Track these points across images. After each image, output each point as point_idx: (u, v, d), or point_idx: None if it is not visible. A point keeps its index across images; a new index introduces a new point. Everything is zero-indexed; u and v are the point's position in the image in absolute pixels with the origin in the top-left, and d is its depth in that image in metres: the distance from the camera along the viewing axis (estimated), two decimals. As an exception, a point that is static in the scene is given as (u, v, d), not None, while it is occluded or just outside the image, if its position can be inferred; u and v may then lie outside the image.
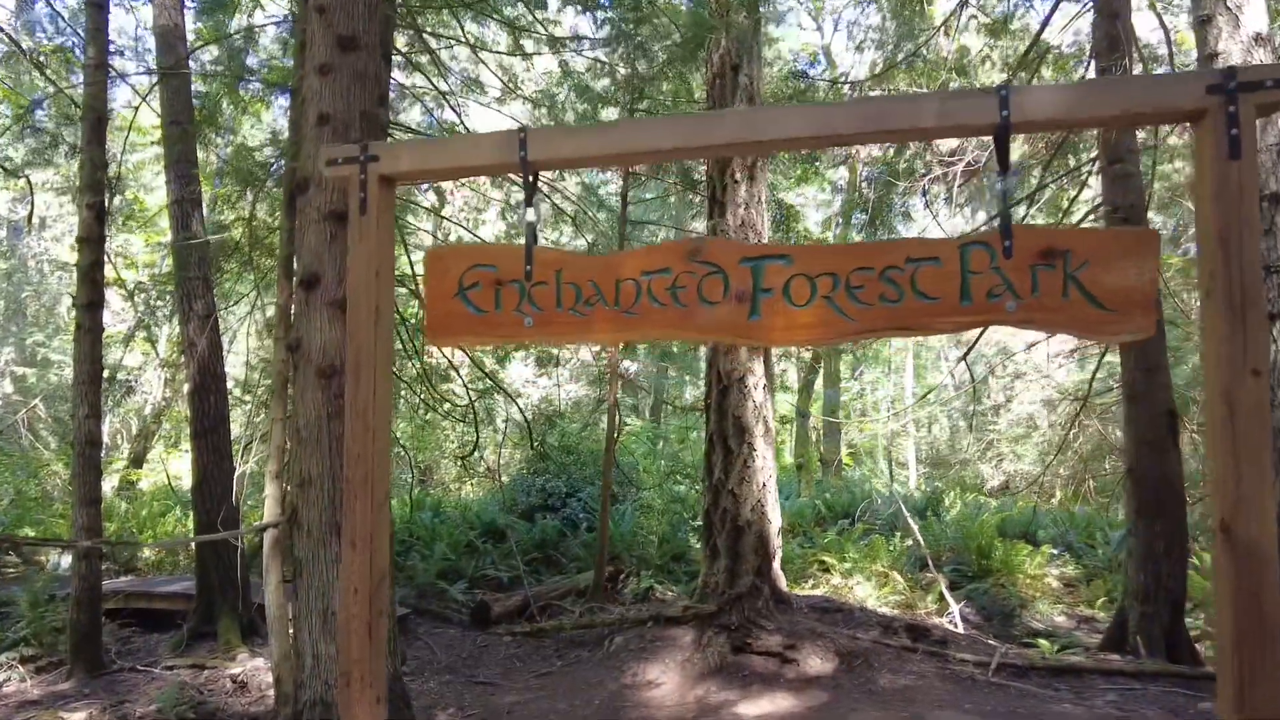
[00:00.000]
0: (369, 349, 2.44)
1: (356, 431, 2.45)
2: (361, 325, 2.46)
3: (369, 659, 2.40)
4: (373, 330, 2.45)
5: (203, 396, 6.79)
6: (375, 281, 2.45)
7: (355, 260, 2.47)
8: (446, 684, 5.79)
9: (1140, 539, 5.71)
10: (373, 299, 2.45)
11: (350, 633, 2.41)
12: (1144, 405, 5.76)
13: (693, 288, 2.24)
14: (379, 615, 2.44)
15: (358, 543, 2.43)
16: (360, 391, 2.45)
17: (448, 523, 10.71)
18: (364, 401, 2.44)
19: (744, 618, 5.54)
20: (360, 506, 2.44)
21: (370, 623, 2.41)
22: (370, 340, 2.45)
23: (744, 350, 5.93)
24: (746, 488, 5.83)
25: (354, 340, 2.47)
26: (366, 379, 2.44)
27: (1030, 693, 4.75)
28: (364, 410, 2.44)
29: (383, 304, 2.48)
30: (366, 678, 2.39)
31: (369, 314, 2.45)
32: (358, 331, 2.46)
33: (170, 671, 5.42)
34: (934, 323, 2.14)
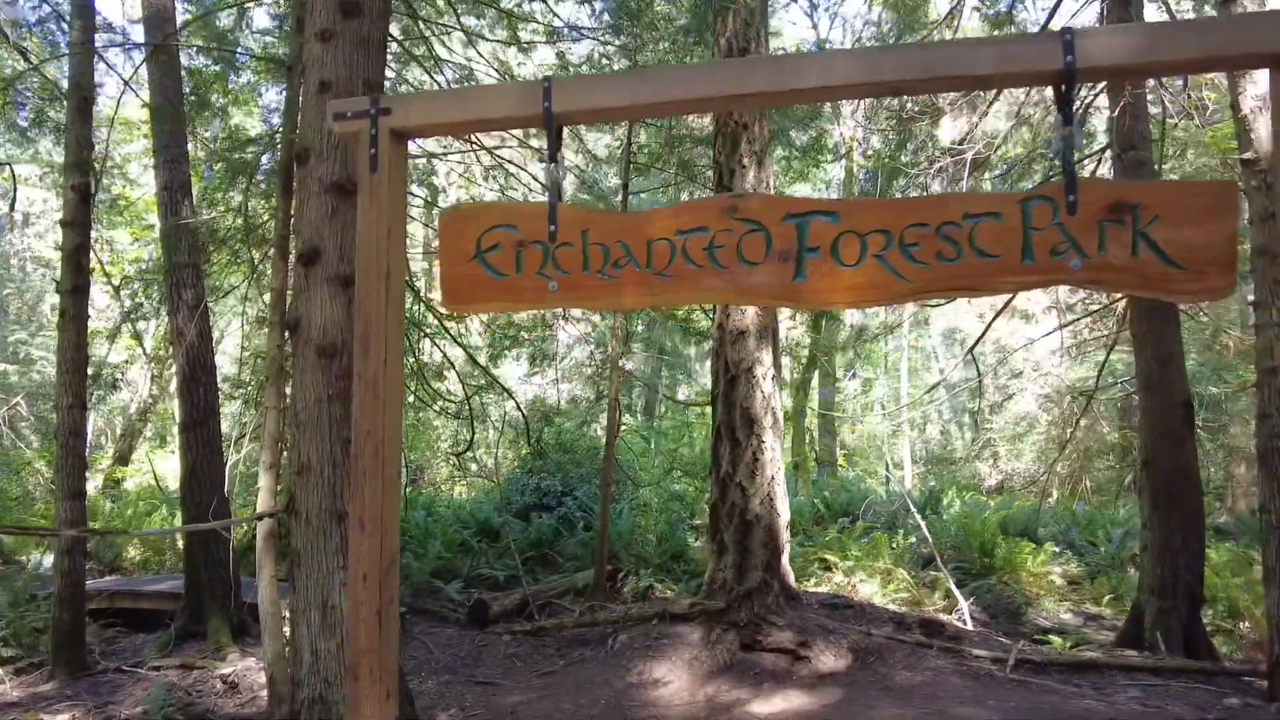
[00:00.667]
0: (379, 315, 2.27)
1: (366, 403, 2.27)
2: (371, 291, 2.28)
3: (379, 650, 2.23)
4: (383, 296, 2.28)
5: (192, 388, 6.57)
6: (386, 243, 2.28)
7: (365, 221, 2.30)
8: (446, 684, 5.60)
9: (1156, 532, 5.59)
10: (383, 262, 2.28)
11: (359, 621, 2.24)
12: (1159, 396, 5.64)
13: (731, 247, 2.08)
14: (389, 602, 2.27)
15: (367, 524, 2.25)
16: (370, 361, 2.28)
17: (441, 522, 10.51)
18: (374, 371, 2.27)
19: (753, 614, 5.38)
20: (370, 485, 2.26)
21: (380, 610, 2.24)
22: (380, 306, 2.28)
23: (752, 340, 5.78)
24: (755, 480, 5.67)
25: (363, 307, 2.30)
26: (376, 348, 2.27)
27: (1051, 689, 4.61)
28: (374, 380, 2.27)
29: (394, 267, 2.30)
30: (376, 670, 2.22)
31: (379, 278, 2.28)
32: (367, 297, 2.29)
33: (157, 672, 5.20)
34: (994, 282, 2.00)
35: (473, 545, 9.81)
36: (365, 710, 2.21)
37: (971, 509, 11.21)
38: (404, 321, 2.35)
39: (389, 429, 2.28)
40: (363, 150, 2.31)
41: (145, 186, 13.94)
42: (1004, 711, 4.17)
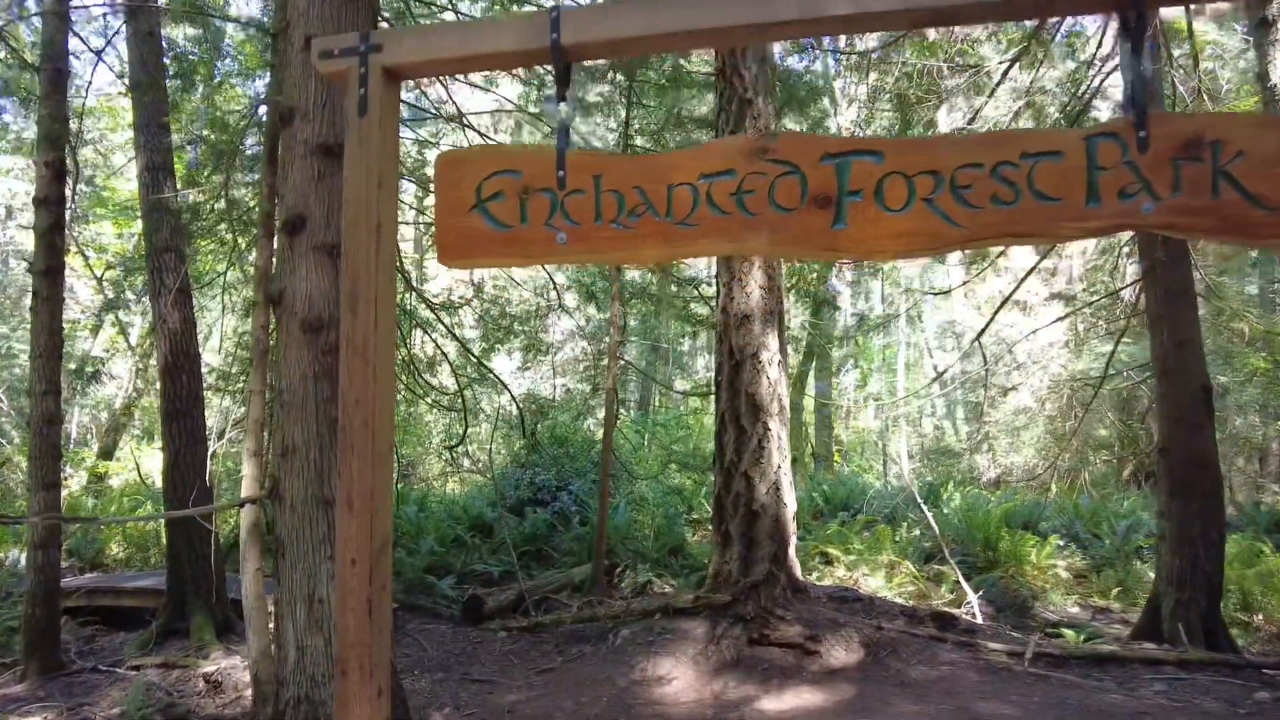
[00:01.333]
0: (368, 273, 2.05)
1: (354, 370, 2.05)
2: (360, 246, 2.06)
3: (370, 643, 2.01)
4: (373, 251, 2.06)
5: (175, 376, 6.32)
6: (377, 194, 2.06)
7: (353, 169, 2.08)
8: (440, 682, 5.38)
9: (1174, 521, 5.41)
10: (373, 215, 2.06)
11: (348, 611, 2.02)
12: (1176, 381, 5.47)
13: (763, 192, 1.87)
14: (380, 590, 2.05)
15: (355, 503, 2.04)
16: (358, 323, 2.06)
17: (434, 517, 10.28)
18: (363, 335, 2.05)
19: (760, 607, 5.17)
20: (358, 460, 2.04)
21: (371, 599, 2.02)
22: (370, 263, 2.06)
23: (757, 324, 5.58)
24: (761, 470, 5.47)
25: (351, 263, 2.07)
26: (365, 308, 2.05)
27: (1073, 683, 4.43)
28: (363, 345, 2.05)
29: (385, 221, 2.08)
30: (367, 666, 2.00)
31: (369, 232, 2.06)
32: (355, 253, 2.07)
33: (136, 671, 4.95)
34: (1056, 228, 1.79)
35: (466, 541, 9.59)
36: (355, 709, 1.99)
37: (973, 502, 11.06)
38: (395, 281, 2.13)
39: (380, 398, 2.07)
40: (351, 92, 2.08)
41: (130, 181, 13.64)
42: (1027, 707, 3.98)
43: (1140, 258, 5.86)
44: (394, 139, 2.13)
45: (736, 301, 5.63)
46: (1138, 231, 1.83)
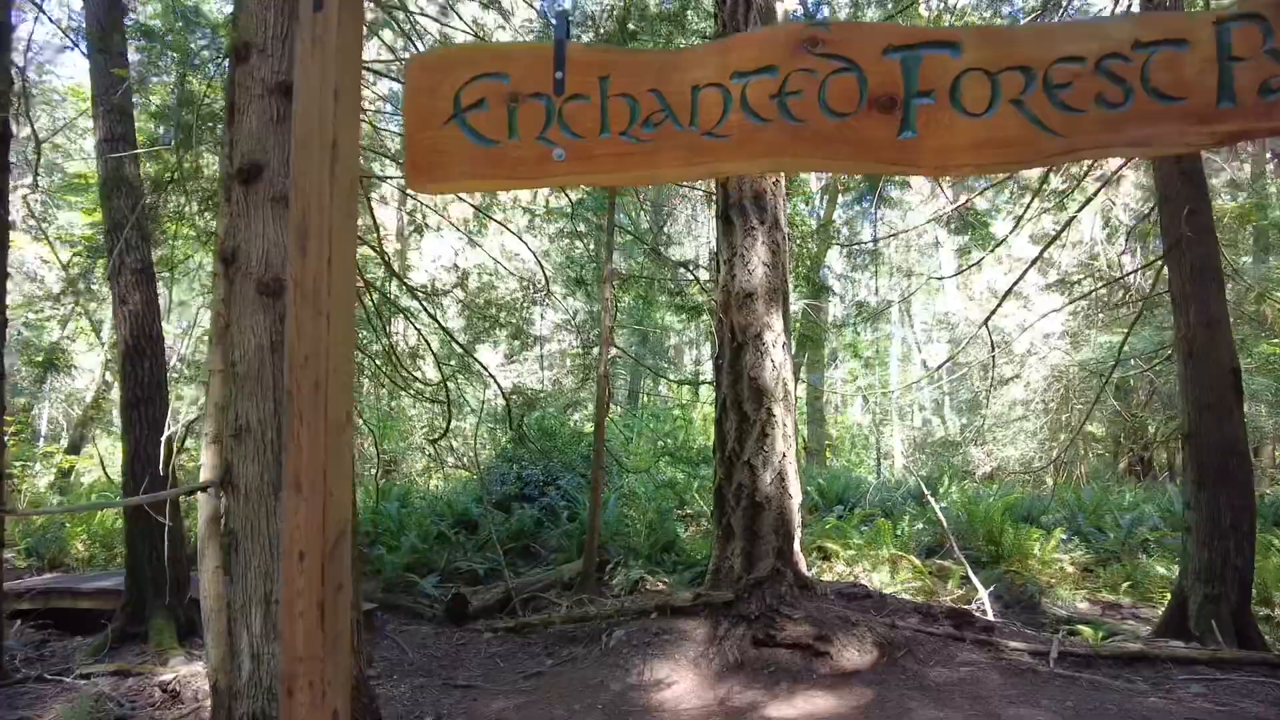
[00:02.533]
0: (322, 200, 1.67)
1: (303, 321, 1.67)
2: (312, 169, 1.68)
3: (323, 655, 1.63)
4: (327, 174, 1.68)
5: (136, 361, 5.89)
6: (333, 106, 1.68)
7: (306, 76, 1.70)
8: (420, 688, 4.99)
9: (1202, 512, 5.11)
10: (328, 130, 1.68)
11: (295, 616, 1.64)
12: (1204, 363, 5.16)
13: (811, 93, 1.51)
14: (337, 591, 1.68)
15: (305, 484, 1.66)
16: (309, 264, 1.68)
17: (416, 513, 9.89)
18: (314, 276, 1.67)
19: (765, 605, 4.82)
20: (308, 431, 1.67)
21: (324, 602, 1.64)
22: (324, 188, 1.68)
23: (760, 303, 5.22)
24: (764, 458, 5.12)
25: (300, 191, 1.69)
26: (318, 244, 1.67)
27: (1104, 685, 4.11)
28: (314, 289, 1.67)
29: (343, 140, 1.70)
30: (319, 683, 1.62)
31: (323, 150, 1.68)
32: (307, 176, 1.69)
33: (86, 681, 4.53)
34: (1176, 135, 1.43)
35: (450, 538, 9.20)
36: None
37: (972, 496, 10.79)
38: (355, 215, 1.76)
39: (335, 357, 1.69)
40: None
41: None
42: (1061, 713, 3.65)
43: (1162, 235, 5.56)
44: (356, 40, 1.75)
45: (738, 279, 5.28)
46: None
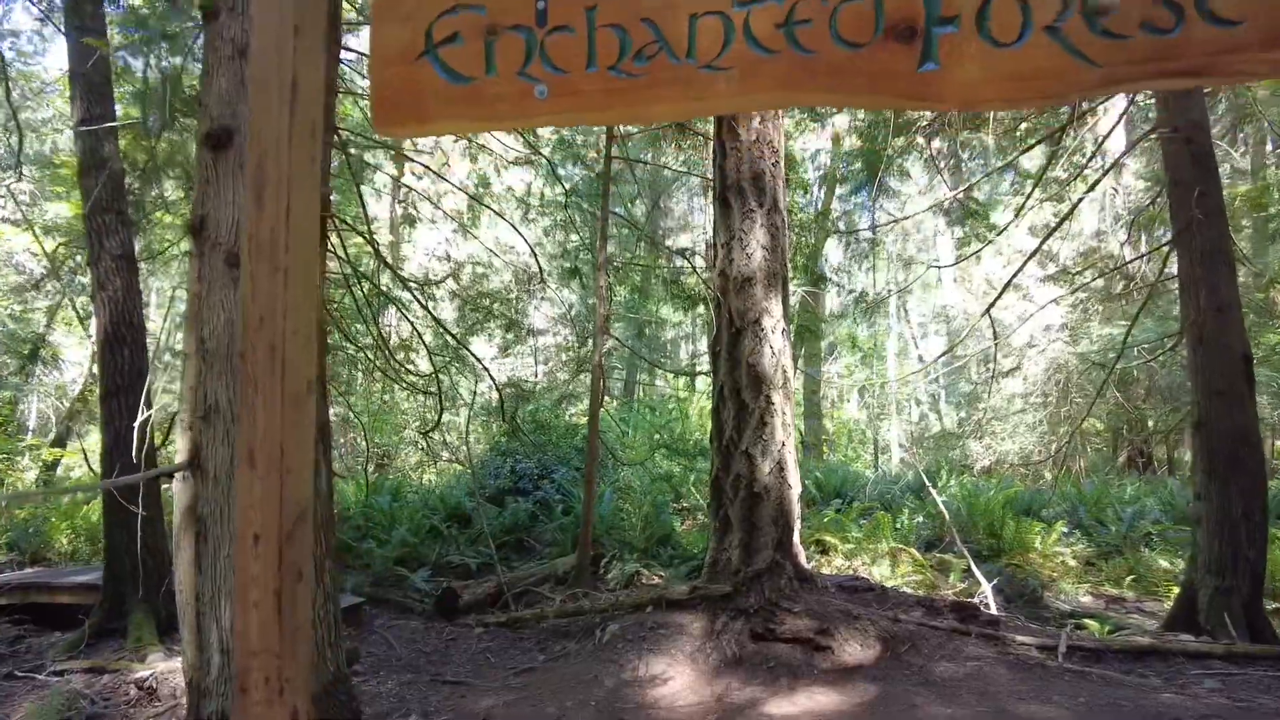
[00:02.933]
0: (279, 145, 1.51)
1: (259, 278, 1.51)
2: (269, 112, 1.52)
3: (280, 649, 1.48)
4: (286, 116, 1.51)
5: (115, 349, 5.72)
6: (293, 42, 1.52)
7: (262, 8, 1.53)
8: (408, 684, 4.84)
9: (1214, 503, 4.97)
10: (287, 70, 1.52)
11: (249, 606, 1.48)
12: (1215, 350, 5.03)
13: (821, 22, 1.35)
14: (296, 578, 1.51)
15: (259, 459, 1.50)
16: (265, 216, 1.52)
17: (408, 507, 9.72)
18: (270, 231, 1.51)
19: (764, 599, 4.68)
20: (264, 400, 1.50)
21: (281, 590, 1.48)
22: (281, 136, 1.51)
23: (759, 287, 5.07)
24: (763, 448, 4.96)
25: (256, 136, 1.53)
26: (275, 192, 1.51)
27: (1116, 680, 3.97)
28: (270, 245, 1.51)
29: (304, 79, 1.54)
30: (275, 681, 1.46)
31: (282, 91, 1.51)
32: (263, 121, 1.52)
33: (59, 677, 4.37)
34: (1234, 62, 1.27)
35: (442, 531, 9.05)
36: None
37: (972, 489, 10.66)
38: (317, 163, 1.59)
39: (295, 318, 1.53)
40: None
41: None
42: (1074, 709, 3.51)
43: (1171, 219, 5.41)
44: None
45: (736, 263, 5.12)
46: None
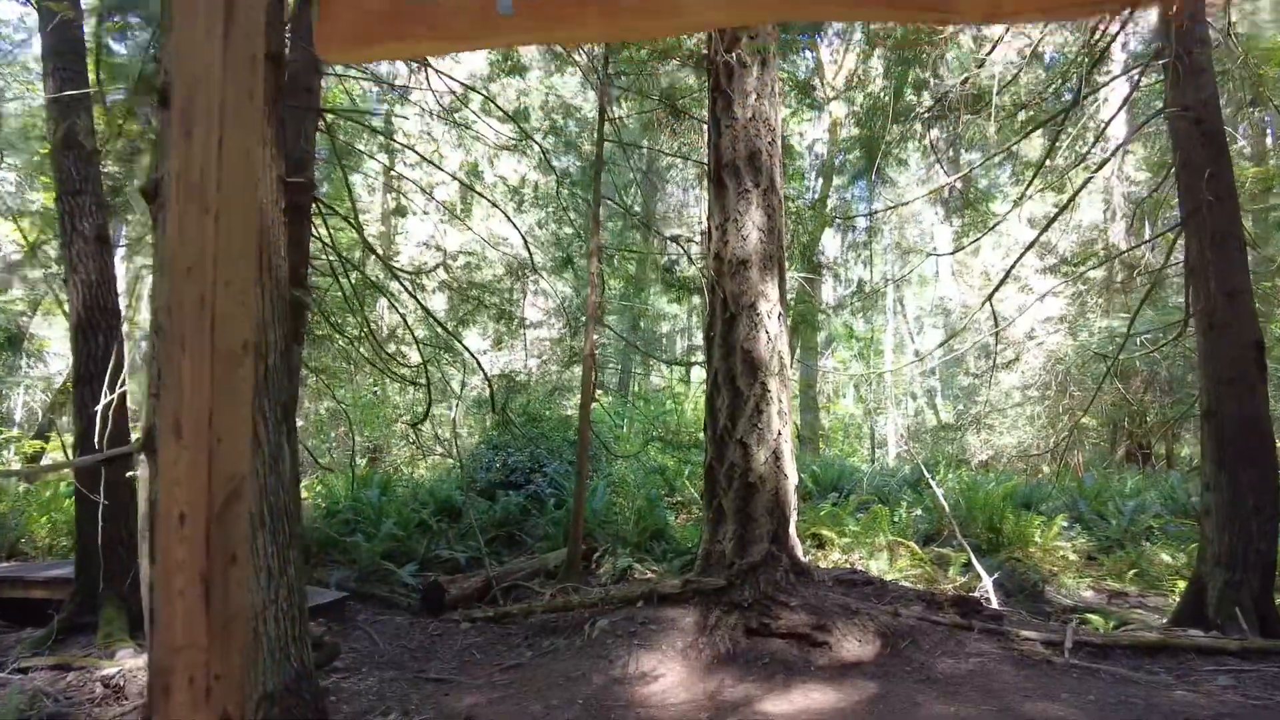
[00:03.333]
0: (210, 71, 1.33)
1: (186, 221, 1.33)
2: (199, 28, 1.34)
3: (208, 644, 1.30)
4: (219, 39, 1.34)
5: (89, 335, 5.52)
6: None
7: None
8: (389, 681, 4.66)
9: (1223, 494, 4.81)
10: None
11: (173, 596, 1.30)
12: (1225, 336, 4.86)
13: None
14: (228, 563, 1.33)
15: (185, 427, 1.31)
16: (194, 150, 1.33)
17: (397, 500, 9.54)
18: (201, 166, 1.33)
19: (759, 593, 4.51)
20: (191, 361, 1.32)
21: (209, 576, 1.30)
22: (213, 57, 1.34)
23: (755, 271, 4.89)
24: (759, 436, 4.79)
25: (185, 60, 1.35)
26: (206, 125, 1.33)
27: (1124, 677, 3.81)
28: (201, 182, 1.33)
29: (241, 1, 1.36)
30: (202, 678, 1.28)
31: (211, 13, 1.33)
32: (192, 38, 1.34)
33: (23, 675, 4.18)
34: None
35: (431, 525, 8.87)
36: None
37: (971, 483, 10.52)
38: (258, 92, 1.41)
39: (228, 268, 1.34)
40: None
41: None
42: (1084, 707, 3.35)
43: (1180, 201, 5.25)
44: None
45: (731, 245, 4.94)
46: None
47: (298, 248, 6.88)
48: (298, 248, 6.88)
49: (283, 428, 2.66)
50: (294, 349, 3.13)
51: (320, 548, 8.07)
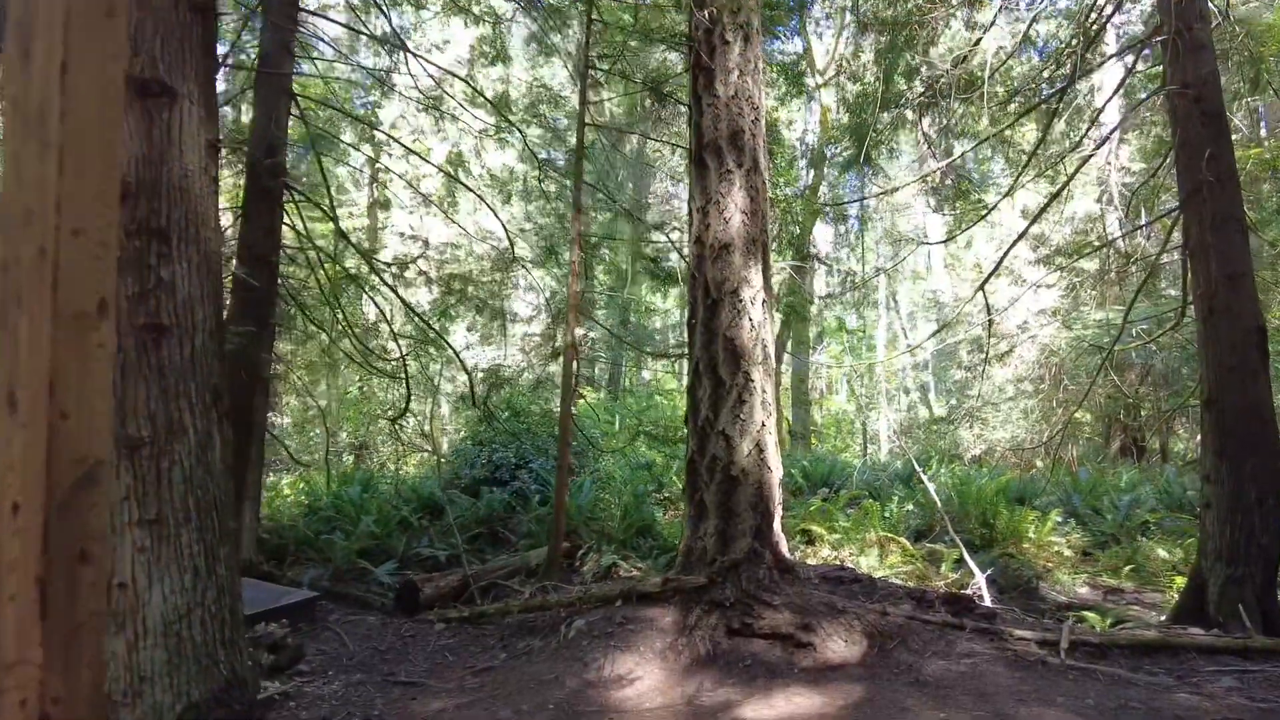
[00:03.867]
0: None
1: (25, 158, 1.13)
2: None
3: (48, 658, 1.09)
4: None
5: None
6: None
7: None
8: (355, 685, 4.45)
9: (1224, 486, 4.63)
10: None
11: (4, 601, 1.09)
12: (1226, 321, 4.68)
13: None
14: (74, 561, 1.13)
15: (21, 399, 1.10)
16: (33, 70, 1.13)
17: (379, 497, 9.32)
18: (40, 94, 1.12)
19: (741, 591, 4.31)
20: (30, 321, 1.11)
21: (46, 577, 1.09)
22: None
23: (738, 255, 4.69)
24: (741, 428, 4.59)
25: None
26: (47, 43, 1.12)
27: (1123, 679, 3.62)
28: (40, 112, 1.13)
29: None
30: (37, 699, 1.08)
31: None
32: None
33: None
34: None
35: (413, 523, 8.66)
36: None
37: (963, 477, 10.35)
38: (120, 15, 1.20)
39: (74, 214, 1.13)
40: None
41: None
42: (1081, 711, 3.16)
43: (1179, 183, 5.06)
44: None
45: (713, 229, 4.74)
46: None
47: (268, 234, 6.67)
48: (268, 234, 6.67)
49: (212, 414, 2.44)
50: (237, 332, 2.91)
51: (297, 546, 7.86)
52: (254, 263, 6.53)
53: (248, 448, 6.48)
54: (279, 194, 6.70)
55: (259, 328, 6.55)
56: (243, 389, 6.46)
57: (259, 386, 6.58)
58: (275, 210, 6.62)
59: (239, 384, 6.48)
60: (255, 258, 6.53)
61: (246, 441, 6.50)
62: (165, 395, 2.21)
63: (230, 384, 6.53)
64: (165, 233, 2.20)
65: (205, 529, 2.33)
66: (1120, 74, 7.35)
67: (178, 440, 2.25)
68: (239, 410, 6.51)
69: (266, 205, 6.56)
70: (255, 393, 6.54)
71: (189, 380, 2.28)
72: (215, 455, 2.45)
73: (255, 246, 6.52)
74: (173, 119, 2.24)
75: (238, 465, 6.47)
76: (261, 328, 6.56)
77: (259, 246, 6.53)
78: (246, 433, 6.49)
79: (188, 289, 2.26)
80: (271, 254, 6.58)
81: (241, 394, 6.48)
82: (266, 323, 6.59)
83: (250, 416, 6.51)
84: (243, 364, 6.40)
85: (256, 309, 6.47)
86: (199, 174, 2.33)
